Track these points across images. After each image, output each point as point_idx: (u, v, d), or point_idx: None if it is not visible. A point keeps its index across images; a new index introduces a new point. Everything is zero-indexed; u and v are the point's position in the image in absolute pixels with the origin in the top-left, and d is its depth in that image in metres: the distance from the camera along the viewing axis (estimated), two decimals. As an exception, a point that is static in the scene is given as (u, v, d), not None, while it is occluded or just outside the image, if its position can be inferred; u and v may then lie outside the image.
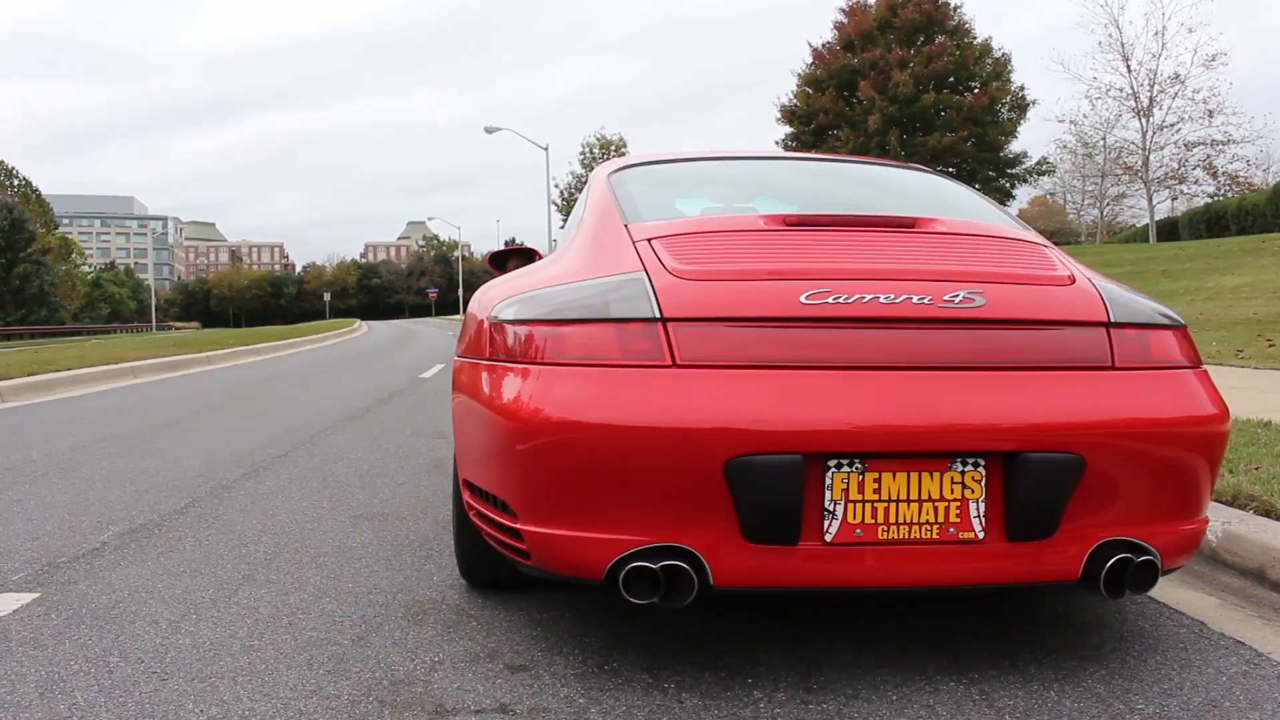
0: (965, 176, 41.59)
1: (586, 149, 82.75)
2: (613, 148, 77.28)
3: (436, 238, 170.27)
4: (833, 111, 41.90)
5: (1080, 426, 2.13)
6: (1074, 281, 2.38)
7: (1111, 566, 2.16)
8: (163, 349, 18.14)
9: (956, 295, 2.20)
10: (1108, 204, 50.67)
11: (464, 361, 2.67)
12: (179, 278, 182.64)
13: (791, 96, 44.37)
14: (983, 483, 2.12)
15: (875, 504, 2.10)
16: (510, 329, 2.30)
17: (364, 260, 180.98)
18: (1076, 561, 2.17)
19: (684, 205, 2.97)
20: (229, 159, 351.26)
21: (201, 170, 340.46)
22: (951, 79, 40.73)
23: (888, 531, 2.10)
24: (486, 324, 2.44)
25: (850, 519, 2.09)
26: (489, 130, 46.42)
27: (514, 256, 4.09)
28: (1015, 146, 42.06)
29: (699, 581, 2.08)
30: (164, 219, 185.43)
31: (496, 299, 2.47)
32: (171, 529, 4.11)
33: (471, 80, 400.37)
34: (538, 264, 2.95)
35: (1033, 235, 2.71)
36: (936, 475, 2.10)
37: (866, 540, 2.09)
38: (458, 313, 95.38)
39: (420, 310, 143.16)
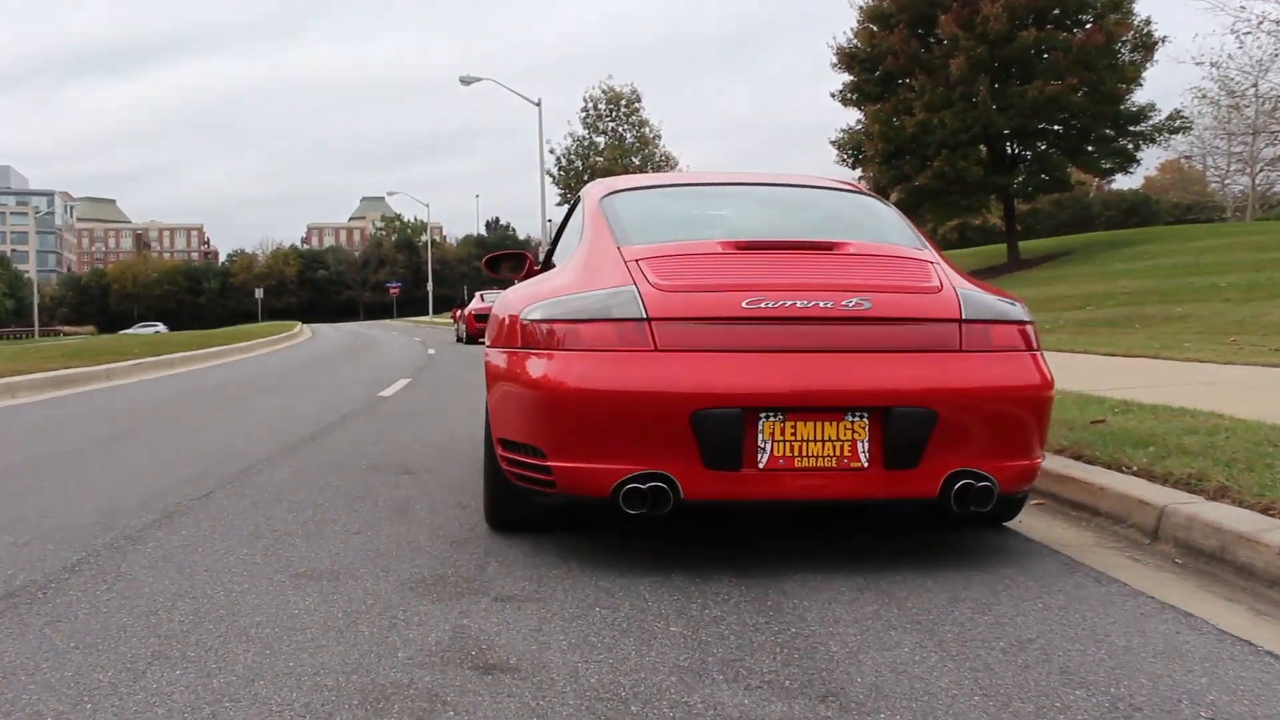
0: (1075, 136, 41.59)
1: (589, 104, 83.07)
2: (622, 102, 77.70)
3: (399, 218, 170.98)
4: (904, 54, 41.96)
5: (933, 391, 4.01)
6: (941, 289, 4.32)
7: (959, 489, 4.06)
8: (49, 361, 18.22)
9: (852, 300, 4.10)
10: (1261, 169, 50.54)
11: (498, 350, 4.75)
12: (69, 269, 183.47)
13: (851, 35, 44.45)
14: (866, 429, 4.02)
15: (792, 442, 4.00)
16: (538, 326, 4.29)
17: (306, 247, 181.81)
18: (934, 484, 4.05)
19: (661, 230, 4.94)
20: (135, 119, 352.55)
21: (100, 133, 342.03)
22: (1057, 11, 40.73)
23: (802, 461, 4.00)
24: (518, 323, 4.43)
25: (776, 453, 3.99)
26: (465, 81, 46.62)
27: (506, 260, 6.66)
28: (1140, 97, 42.09)
29: (674, 497, 3.97)
30: (49, 194, 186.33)
31: (521, 304, 4.49)
32: (59, 592, 4.10)
33: (450, 21, 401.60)
34: (548, 274, 5.09)
35: (925, 254, 4.69)
36: (834, 423, 4.02)
37: (787, 467, 3.99)
38: (427, 313, 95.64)
39: (379, 310, 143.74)
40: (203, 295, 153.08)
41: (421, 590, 4.07)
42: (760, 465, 4.06)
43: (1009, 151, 43.90)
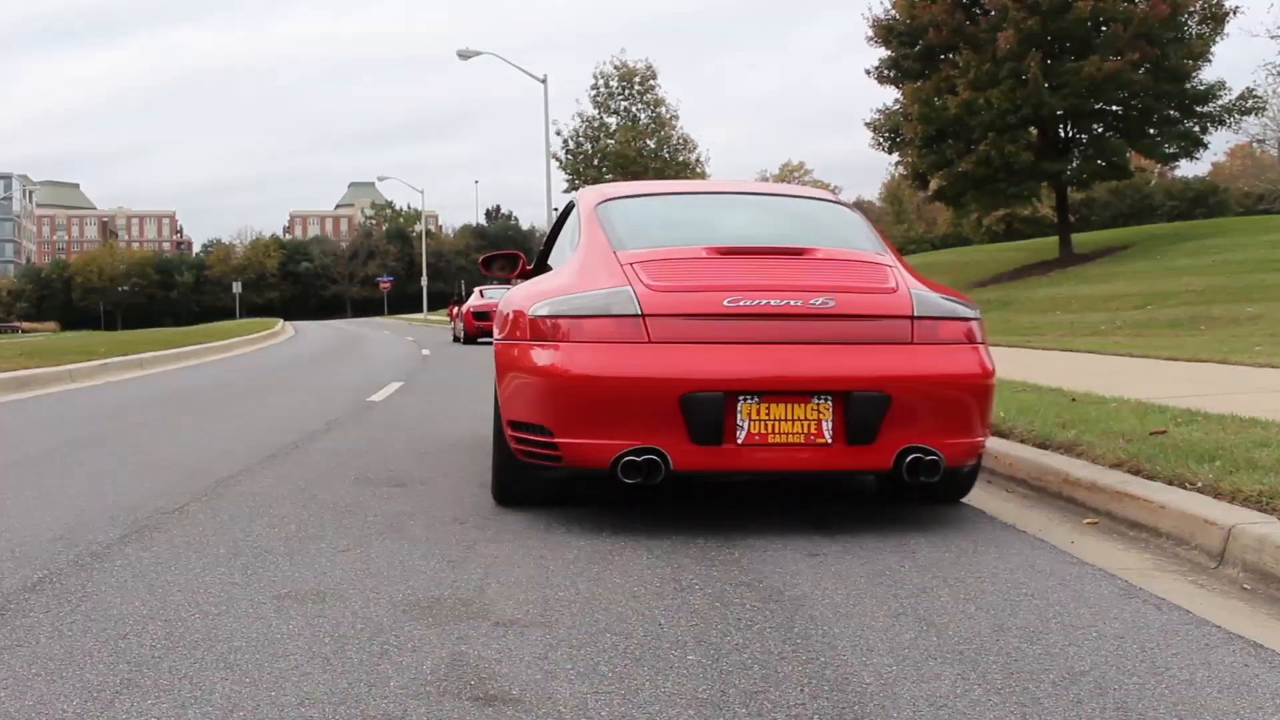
0: (1135, 117, 41.47)
1: (600, 81, 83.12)
2: (636, 79, 77.79)
3: (390, 206, 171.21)
4: (947, 26, 41.91)
5: (887, 378, 5.06)
6: (896, 290, 5.45)
7: (910, 462, 5.13)
8: (6, 361, 18.31)
9: (818, 299, 5.17)
10: (1341, 156, 50.34)
11: (508, 342, 5.84)
12: (29, 260, 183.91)
13: (889, 6, 44.42)
14: (830, 410, 5.06)
15: (767, 421, 5.04)
16: (545, 321, 5.37)
17: (289, 237, 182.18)
18: (889, 458, 5.12)
19: (651, 236, 6.09)
20: (102, 96, 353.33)
21: (62, 111, 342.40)
22: (1116, -22, 40.61)
23: (775, 438, 5.04)
24: (526, 318, 5.54)
25: (752, 430, 5.01)
26: (464, 55, 46.74)
27: (499, 259, 7.97)
28: (1208, 74, 41.85)
29: (665, 468, 5.01)
30: (6, 177, 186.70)
31: (529, 301, 5.60)
32: (19, 614, 4.13)
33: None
34: (549, 274, 6.35)
35: (884, 258, 5.87)
36: (802, 405, 5.06)
37: (762, 443, 5.01)
38: (421, 310, 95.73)
39: (368, 306, 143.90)
40: (175, 289, 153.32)
41: (416, 613, 4.09)
42: (739, 441, 5.25)
43: (1062, 135, 43.84)
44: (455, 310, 40.53)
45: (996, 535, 5.46)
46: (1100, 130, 43.00)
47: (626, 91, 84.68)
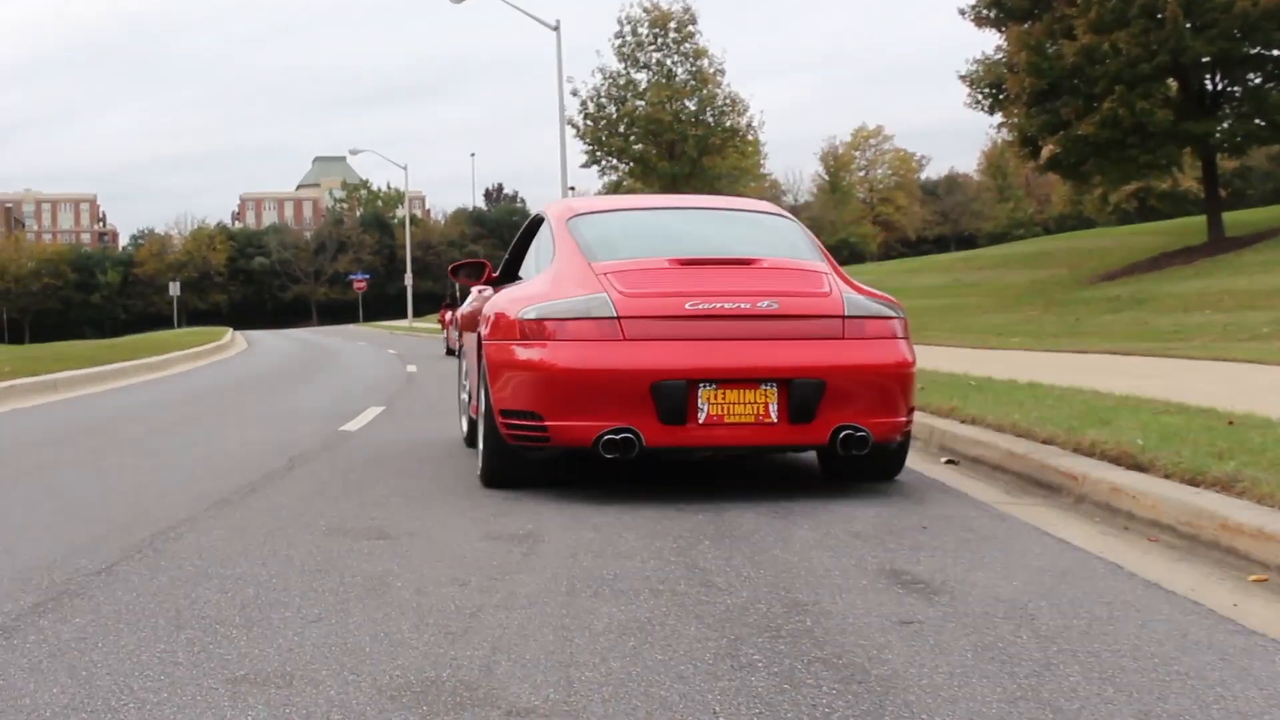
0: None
1: (627, 28, 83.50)
2: (671, 25, 78.02)
3: (365, 186, 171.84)
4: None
5: (822, 367, 7.91)
6: (830, 294, 8.31)
7: (843, 438, 7.91)
8: (-111, 383, 18.39)
9: (764, 302, 8.04)
10: None
11: (499, 342, 8.41)
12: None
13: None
14: (775, 394, 7.87)
15: (723, 404, 7.83)
16: (534, 323, 8.06)
17: (239, 226, 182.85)
18: (825, 434, 7.91)
19: (620, 249, 8.71)
20: (4, 52, 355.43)
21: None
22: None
23: (730, 418, 7.87)
24: (516, 321, 8.24)
25: (711, 412, 7.81)
26: (454, -5, 46.71)
27: (465, 268, 11.17)
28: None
29: (639, 445, 7.75)
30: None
31: (515, 306, 8.40)
32: (-89, 702, 4.12)
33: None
34: (528, 282, 9.11)
35: (821, 266, 8.74)
36: (752, 390, 7.86)
37: (719, 422, 7.83)
38: (405, 315, 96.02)
39: (339, 312, 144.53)
40: (97, 291, 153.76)
41: (407, 700, 4.08)
42: (700, 421, 7.86)
43: (1209, 88, 43.65)
44: (448, 316, 39.52)
45: (1137, 596, 5.42)
46: (1258, 81, 42.81)
47: (659, 41, 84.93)
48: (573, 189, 73.61)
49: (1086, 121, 42.05)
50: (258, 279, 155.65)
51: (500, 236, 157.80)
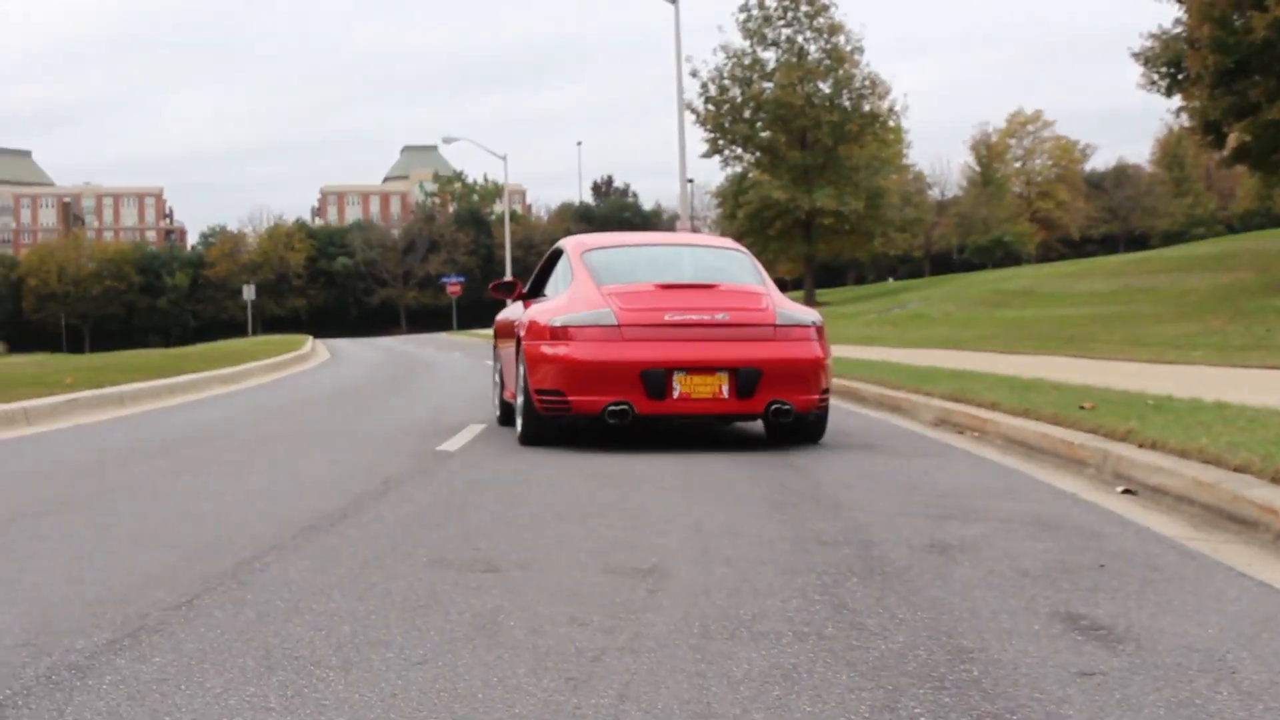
0: None
1: (754, 1, 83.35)
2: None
3: (460, 179, 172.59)
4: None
5: (760, 360, 13.69)
6: (766, 309, 14.32)
7: (773, 410, 13.71)
8: (-60, 394, 18.62)
9: (720, 314, 14.01)
10: None
11: (535, 342, 14.27)
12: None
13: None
14: (727, 379, 13.64)
15: (691, 385, 13.67)
16: (560, 328, 14.01)
17: (319, 223, 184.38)
18: (761, 406, 13.70)
19: (620, 275, 14.94)
20: (65, 35, 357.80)
21: (11, 55, 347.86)
22: None
23: (696, 395, 13.69)
24: (547, 326, 14.22)
25: (683, 390, 13.60)
26: (561, -37, 46.99)
27: (504, 285, 18.24)
28: None
29: (633, 413, 13.54)
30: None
31: (545, 316, 14.49)
32: (-22, 748, 4.17)
33: None
34: (554, 299, 15.31)
35: (761, 288, 14.90)
36: (711, 376, 13.66)
37: (688, 398, 13.67)
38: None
39: (430, 318, 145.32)
40: (164, 295, 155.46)
41: (525, 754, 4.07)
42: (675, 397, 13.12)
43: None
44: None
45: (1354, 647, 5.33)
46: None
47: (790, 15, 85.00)
48: (691, 181, 73.74)
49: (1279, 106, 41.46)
50: (340, 281, 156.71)
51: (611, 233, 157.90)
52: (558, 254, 16.31)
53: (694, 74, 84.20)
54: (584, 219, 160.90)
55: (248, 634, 5.59)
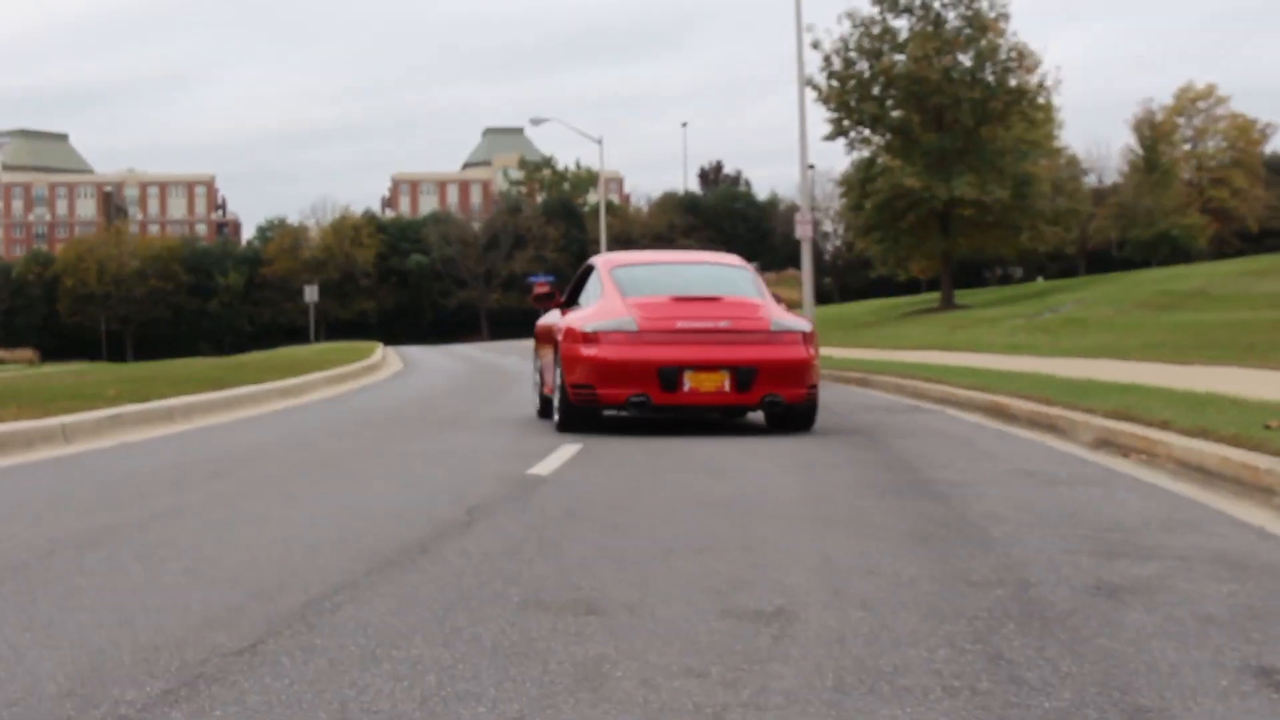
0: None
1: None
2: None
3: (549, 164, 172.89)
4: None
5: (756, 360, 19.71)
6: (763, 318, 20.51)
7: (768, 401, 19.91)
8: (-33, 409, 18.76)
9: (723, 322, 20.18)
10: None
11: (571, 344, 20.27)
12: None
13: None
14: (728, 376, 19.55)
15: (698, 381, 19.57)
16: (592, 333, 20.02)
17: (390, 214, 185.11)
18: (757, 399, 19.80)
19: (642, 289, 21.20)
20: (107, 4, 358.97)
21: (45, 28, 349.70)
22: None
23: (702, 389, 19.62)
24: (581, 331, 20.28)
25: (691, 385, 19.46)
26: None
27: (542, 298, 24.28)
28: None
29: (650, 404, 19.59)
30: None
31: (580, 323, 20.61)
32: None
33: None
34: (586, 308, 21.48)
35: (759, 299, 21.15)
36: (715, 373, 19.58)
37: (696, 391, 19.60)
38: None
39: (515, 322, 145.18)
40: (215, 297, 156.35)
41: (639, 825, 4.06)
42: (685, 390, 18.92)
43: None
44: None
45: None
46: None
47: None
48: (811, 168, 73.50)
49: None
50: (413, 281, 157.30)
51: (719, 228, 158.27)
52: (590, 269, 22.33)
53: (815, 45, 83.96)
54: (689, 210, 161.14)
55: (319, 684, 5.60)
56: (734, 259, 23.16)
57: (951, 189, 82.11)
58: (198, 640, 6.35)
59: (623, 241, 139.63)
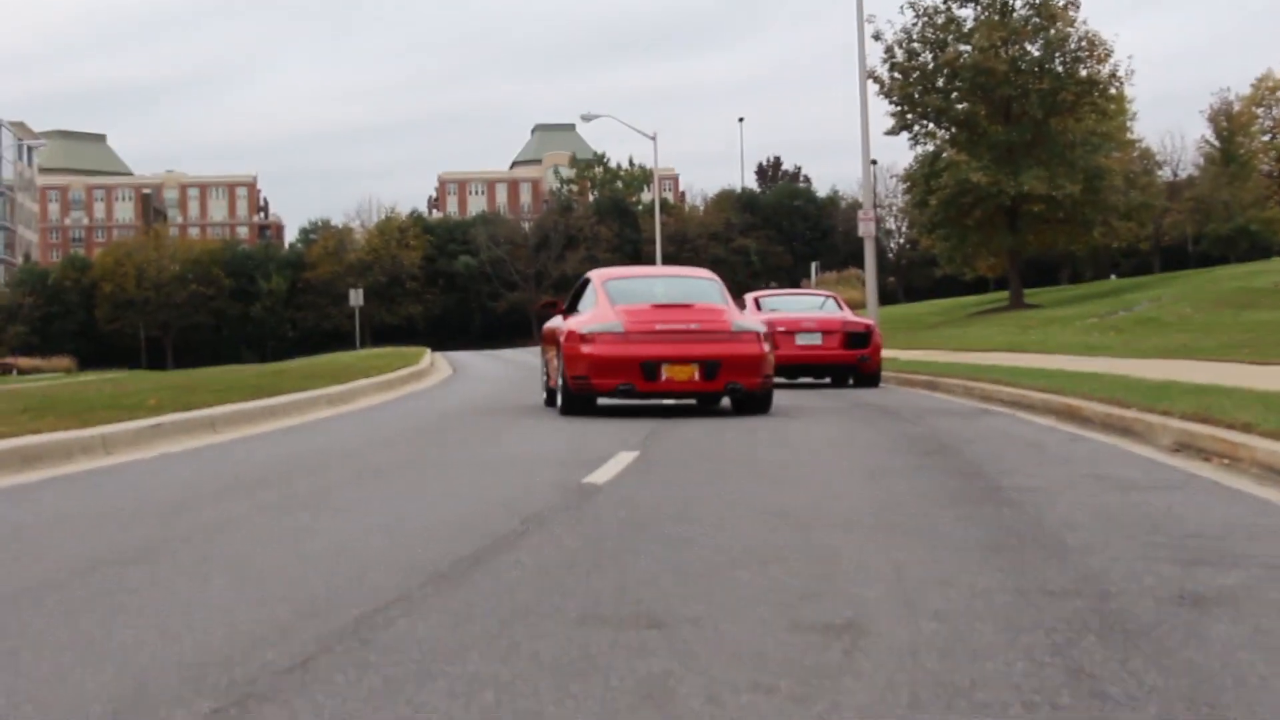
0: None
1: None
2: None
3: (601, 162, 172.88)
4: None
5: (720, 355, 25.95)
6: (727, 321, 27.39)
7: (730, 389, 26.44)
8: (0, 421, 18.82)
9: (692, 325, 26.64)
10: None
11: (571, 344, 26.82)
12: (27, 257, 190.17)
13: None
14: (697, 368, 25.80)
15: (673, 372, 25.83)
16: (588, 334, 26.28)
17: (437, 215, 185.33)
18: (721, 386, 26.27)
19: (628, 298, 28.04)
20: (143, 1, 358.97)
21: (81, 25, 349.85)
22: None
23: (677, 379, 26.05)
24: (579, 333, 26.70)
25: (667, 375, 25.74)
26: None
27: (547, 306, 32.96)
28: None
29: (636, 391, 26.16)
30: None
31: (578, 326, 27.34)
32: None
33: None
34: (583, 314, 28.39)
35: (724, 305, 28.28)
36: (687, 366, 25.85)
37: (672, 380, 26.06)
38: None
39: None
40: (258, 301, 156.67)
41: None
42: (662, 379, 25.10)
43: None
44: None
45: None
46: None
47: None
48: (874, 163, 73.42)
49: None
50: (461, 284, 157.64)
51: (778, 227, 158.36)
52: (587, 282, 28.47)
53: (877, 36, 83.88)
54: (747, 208, 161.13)
55: (374, 702, 5.59)
56: (705, 273, 30.39)
57: (1019, 184, 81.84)
58: (246, 657, 6.35)
59: (678, 241, 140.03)
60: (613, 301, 26.57)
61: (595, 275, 29.16)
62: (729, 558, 8.97)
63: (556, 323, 28.86)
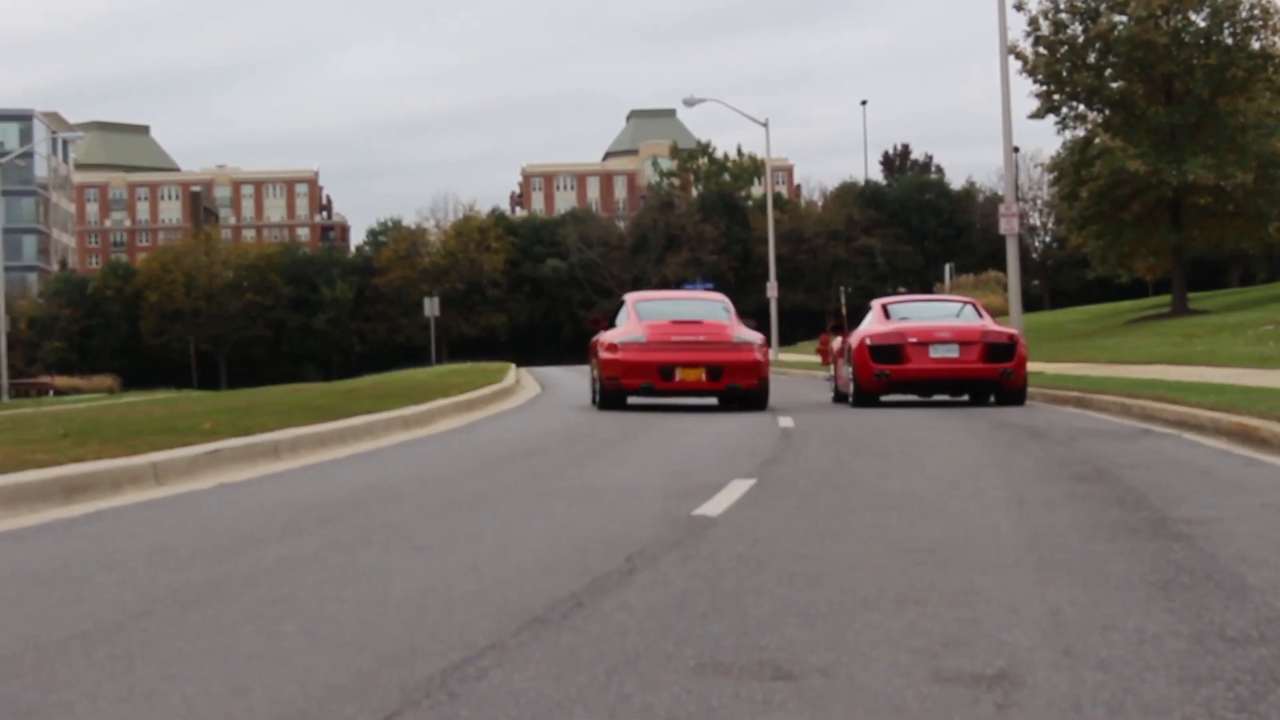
0: None
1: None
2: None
3: (706, 152, 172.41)
4: None
5: (724, 361, 39.42)
6: (731, 334, 41.29)
7: (730, 388, 40.13)
8: (40, 446, 18.97)
9: (701, 337, 40.49)
10: None
11: (605, 353, 41.00)
12: (63, 264, 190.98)
13: None
14: (705, 371, 39.51)
15: (686, 374, 39.74)
16: (620, 344, 39.97)
17: (521, 213, 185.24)
18: (724, 386, 39.97)
19: (652, 315, 42.39)
20: None
21: (125, 13, 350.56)
22: None
23: (688, 380, 40.12)
24: (613, 343, 40.55)
25: (680, 377, 39.49)
26: None
27: (592, 323, 48.09)
28: None
29: (655, 389, 39.94)
30: (25, 117, 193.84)
31: (613, 338, 41.32)
32: None
33: None
34: (618, 328, 42.24)
35: (728, 320, 42.37)
36: (697, 370, 39.88)
37: (684, 381, 40.10)
38: (769, 341, 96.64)
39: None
40: (321, 312, 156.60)
41: None
42: (676, 380, 38.08)
43: None
44: (832, 344, 46.67)
45: None
46: None
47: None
48: (1016, 151, 73.20)
49: None
50: (550, 291, 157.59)
51: (906, 223, 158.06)
52: (622, 303, 39.56)
53: (1019, 7, 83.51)
54: (872, 203, 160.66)
55: (467, 770, 5.60)
56: (716, 296, 43.47)
57: (1183, 172, 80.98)
58: (323, 713, 6.36)
59: (793, 241, 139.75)
60: (640, 318, 37.76)
61: (629, 298, 41.55)
62: (860, 599, 8.95)
63: (599, 336, 39.23)
